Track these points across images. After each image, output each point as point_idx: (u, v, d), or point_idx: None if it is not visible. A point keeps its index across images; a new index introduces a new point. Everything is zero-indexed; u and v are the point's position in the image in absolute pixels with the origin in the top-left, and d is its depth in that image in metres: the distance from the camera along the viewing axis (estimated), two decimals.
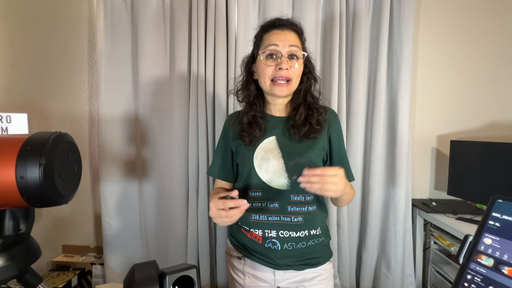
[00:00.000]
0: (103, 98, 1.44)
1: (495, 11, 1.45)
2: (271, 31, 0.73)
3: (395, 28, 1.35)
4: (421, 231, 1.50)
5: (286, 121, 0.77)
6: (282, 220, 0.73)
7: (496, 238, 0.43)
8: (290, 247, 0.73)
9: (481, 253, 0.44)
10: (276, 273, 0.76)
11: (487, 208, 0.47)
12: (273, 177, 0.73)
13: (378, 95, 1.34)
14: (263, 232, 0.74)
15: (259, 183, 0.74)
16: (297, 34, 0.74)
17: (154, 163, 1.49)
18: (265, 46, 0.72)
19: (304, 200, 0.74)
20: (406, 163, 1.36)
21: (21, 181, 0.42)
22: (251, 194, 0.76)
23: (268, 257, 0.74)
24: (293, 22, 0.74)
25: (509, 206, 0.45)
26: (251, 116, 0.75)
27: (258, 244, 0.75)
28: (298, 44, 0.72)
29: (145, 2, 1.40)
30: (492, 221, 0.45)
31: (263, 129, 0.75)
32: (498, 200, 0.46)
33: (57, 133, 0.48)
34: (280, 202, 0.73)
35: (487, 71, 1.48)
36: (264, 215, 0.74)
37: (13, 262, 0.45)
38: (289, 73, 0.70)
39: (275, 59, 0.71)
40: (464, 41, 1.47)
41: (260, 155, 0.74)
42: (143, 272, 0.49)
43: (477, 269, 0.43)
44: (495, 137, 1.47)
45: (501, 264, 0.41)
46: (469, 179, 1.35)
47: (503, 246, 0.42)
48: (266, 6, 1.36)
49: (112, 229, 1.50)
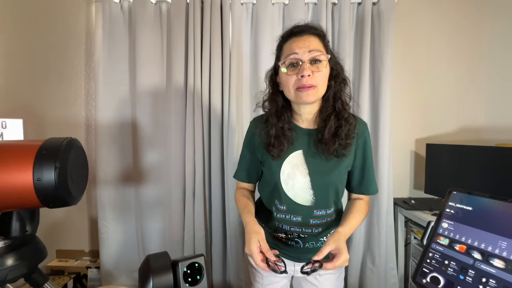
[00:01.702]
0: (100, 104, 1.49)
1: (463, 27, 1.61)
2: (290, 40, 0.70)
3: (376, 42, 1.48)
4: (403, 227, 1.62)
5: (315, 134, 0.73)
6: (303, 231, 0.78)
7: (451, 222, 0.54)
8: (311, 245, 0.79)
9: (439, 235, 0.54)
10: (296, 265, 0.80)
11: (445, 198, 0.57)
12: (298, 192, 0.74)
13: (361, 104, 1.47)
14: (286, 235, 0.80)
15: (284, 198, 0.75)
16: (318, 37, 0.70)
17: (151, 167, 1.54)
18: (285, 56, 0.69)
19: (325, 213, 0.76)
20: (387, 165, 1.48)
21: (38, 183, 0.45)
22: (277, 205, 0.78)
23: (291, 252, 0.80)
24: (312, 26, 0.71)
25: (461, 196, 0.56)
26: (279, 127, 0.73)
27: (281, 241, 0.81)
28: (319, 48, 0.68)
29: (142, 12, 1.47)
30: (449, 209, 0.56)
31: (291, 141, 0.73)
32: (454, 192, 0.57)
33: (69, 138, 0.52)
34: (303, 216, 0.75)
35: (457, 81, 1.64)
36: (287, 226, 0.78)
37: (22, 262, 0.48)
38: (313, 79, 0.66)
39: (296, 67, 0.67)
40: (436, 55, 1.63)
41: (287, 170, 0.73)
42: (158, 261, 0.55)
43: (436, 248, 0.53)
44: (466, 141, 1.63)
45: (454, 242, 0.51)
46: (443, 178, 1.49)
47: (456, 228, 0.53)
48: (258, 20, 1.47)
49: (109, 232, 1.53)
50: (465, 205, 0.53)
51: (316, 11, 1.48)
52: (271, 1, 1.47)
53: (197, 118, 1.44)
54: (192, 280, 0.53)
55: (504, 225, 0.46)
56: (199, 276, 0.53)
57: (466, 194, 0.54)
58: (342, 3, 1.44)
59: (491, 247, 0.46)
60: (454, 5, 1.60)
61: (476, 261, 0.47)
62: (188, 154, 1.46)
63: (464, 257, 0.48)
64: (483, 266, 0.45)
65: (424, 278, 0.51)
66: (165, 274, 0.52)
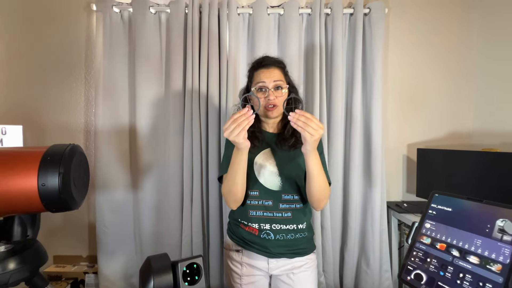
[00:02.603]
0: (100, 110, 1.52)
1: (451, 36, 1.69)
2: (259, 70, 0.91)
3: (367, 50, 1.54)
4: (396, 230, 1.66)
5: (278, 136, 0.95)
6: (274, 215, 0.90)
7: (433, 223, 0.58)
8: (281, 237, 0.89)
9: (423, 235, 0.58)
10: (270, 262, 0.91)
11: (428, 200, 0.61)
12: (268, 179, 0.91)
13: (354, 110, 1.52)
14: (259, 226, 0.90)
15: (256, 184, 0.91)
16: (280, 69, 0.93)
17: (149, 172, 1.57)
18: (256, 82, 0.91)
19: (292, 198, 0.92)
20: (380, 169, 1.52)
21: (42, 188, 0.47)
22: (250, 193, 0.92)
23: (263, 246, 0.90)
24: (276, 60, 0.94)
25: (443, 198, 0.60)
26: (251, 131, 0.90)
27: (255, 236, 0.90)
28: (281, 78, 0.91)
29: (142, 21, 1.51)
30: (431, 210, 0.60)
31: (261, 141, 0.93)
32: (436, 194, 0.61)
33: (72, 145, 0.54)
34: (273, 200, 0.90)
35: (447, 88, 1.70)
36: (260, 211, 0.91)
37: (24, 265, 0.49)
38: (276, 101, 0.88)
39: (264, 92, 0.89)
40: (426, 62, 1.69)
41: (259, 162, 0.92)
42: (158, 261, 0.58)
43: (420, 247, 0.57)
44: (455, 145, 1.68)
45: (435, 241, 0.55)
46: (434, 182, 1.53)
47: (437, 228, 0.56)
48: (254, 29, 1.52)
49: (107, 238, 1.54)
50: (446, 206, 0.57)
51: (310, 21, 1.54)
52: (266, 12, 1.52)
53: (195, 124, 1.48)
54: (191, 279, 0.56)
55: (479, 224, 0.50)
56: (198, 276, 0.56)
57: (446, 196, 0.58)
58: (335, 14, 1.51)
59: (467, 245, 0.50)
60: (442, 16, 1.68)
61: (455, 258, 0.50)
62: (186, 159, 1.49)
63: (444, 255, 0.52)
64: (460, 262, 0.49)
65: (409, 275, 0.54)
66: (165, 274, 0.55)
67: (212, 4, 1.49)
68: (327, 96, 1.55)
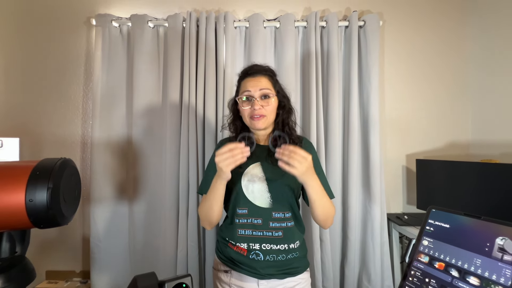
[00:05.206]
0: (97, 123, 1.52)
1: (447, 46, 1.70)
2: (245, 79, 0.87)
3: (363, 61, 1.55)
4: (397, 243, 1.61)
5: (269, 149, 0.87)
6: (264, 234, 0.83)
7: (431, 240, 0.55)
8: (272, 258, 0.83)
9: (420, 252, 0.55)
10: (260, 283, 0.84)
11: (425, 216, 0.59)
12: (257, 196, 0.84)
13: (351, 122, 1.51)
14: (247, 245, 0.84)
15: (245, 201, 0.85)
16: (268, 77, 0.87)
17: (145, 185, 1.55)
18: (241, 92, 0.87)
19: (283, 217, 0.85)
20: (379, 181, 1.50)
21: (29, 204, 0.45)
22: (238, 212, 0.86)
23: (252, 268, 0.83)
24: (263, 68, 0.88)
25: (440, 214, 0.58)
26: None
27: (243, 256, 0.84)
28: (268, 86, 0.85)
29: (141, 35, 1.54)
30: (428, 226, 0.57)
31: (251, 154, 0.84)
32: (433, 209, 0.59)
33: (63, 159, 0.52)
34: (263, 218, 0.84)
35: (445, 98, 1.70)
36: (249, 230, 0.84)
37: (10, 284, 0.46)
38: (263, 111, 0.84)
39: (250, 101, 0.85)
40: (422, 73, 1.70)
41: (247, 177, 0.86)
42: (145, 281, 0.55)
43: (418, 266, 0.54)
44: (454, 156, 1.66)
45: (434, 260, 0.53)
46: (434, 193, 1.50)
47: (435, 246, 0.54)
48: (251, 42, 1.54)
49: (100, 252, 1.51)
50: (443, 222, 0.55)
51: (306, 34, 1.56)
52: (263, 25, 1.55)
53: (192, 137, 1.47)
54: None
55: (478, 242, 0.48)
56: None
57: (443, 211, 0.56)
58: (330, 27, 1.53)
59: (467, 265, 0.47)
60: (437, 28, 1.70)
61: (454, 279, 0.48)
62: (182, 172, 1.47)
63: (443, 275, 0.50)
64: (460, 283, 0.47)
65: None
66: None
67: (209, 18, 1.51)
68: (324, 108, 1.54)
